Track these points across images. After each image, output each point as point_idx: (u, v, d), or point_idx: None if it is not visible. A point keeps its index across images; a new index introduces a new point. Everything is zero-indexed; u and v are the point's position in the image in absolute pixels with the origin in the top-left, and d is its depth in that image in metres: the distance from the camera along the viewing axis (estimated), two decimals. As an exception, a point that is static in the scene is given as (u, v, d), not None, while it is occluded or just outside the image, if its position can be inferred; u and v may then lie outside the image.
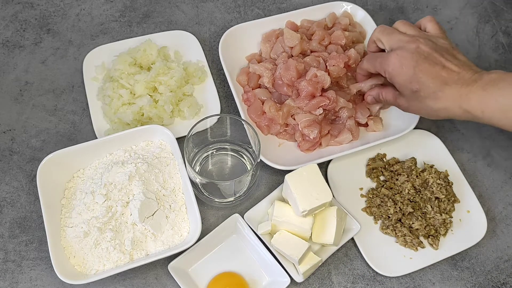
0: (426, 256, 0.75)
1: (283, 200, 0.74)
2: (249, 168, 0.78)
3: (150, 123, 0.80)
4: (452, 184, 0.79)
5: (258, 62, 0.86)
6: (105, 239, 0.69)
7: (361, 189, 0.80)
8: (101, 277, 0.68)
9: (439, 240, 0.75)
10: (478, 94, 0.65)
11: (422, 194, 0.78)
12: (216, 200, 0.77)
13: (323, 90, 0.79)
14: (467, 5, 1.01)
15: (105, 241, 0.69)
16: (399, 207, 0.77)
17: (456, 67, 0.68)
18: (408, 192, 0.78)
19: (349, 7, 0.91)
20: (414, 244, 0.75)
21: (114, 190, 0.72)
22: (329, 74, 0.79)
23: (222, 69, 0.85)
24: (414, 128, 0.81)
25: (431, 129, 0.86)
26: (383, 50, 0.75)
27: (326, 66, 0.81)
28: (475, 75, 0.67)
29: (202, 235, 0.72)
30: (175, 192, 0.75)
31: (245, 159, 0.80)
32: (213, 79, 0.87)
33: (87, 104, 0.85)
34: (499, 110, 0.65)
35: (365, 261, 0.74)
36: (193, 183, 0.74)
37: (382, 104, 0.81)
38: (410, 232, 0.75)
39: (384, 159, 0.82)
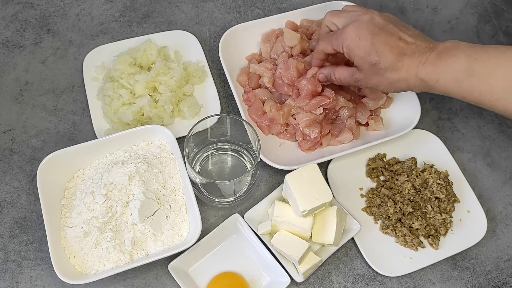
0: (426, 256, 0.75)
1: (283, 200, 0.74)
2: (249, 168, 0.78)
3: (150, 123, 0.80)
4: (452, 184, 0.79)
5: (258, 62, 0.86)
6: (105, 239, 0.69)
7: (361, 189, 0.80)
8: (101, 277, 0.68)
9: (439, 240, 0.75)
10: (433, 62, 0.66)
11: (422, 194, 0.78)
12: (216, 200, 0.77)
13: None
14: (467, 5, 1.01)
15: (105, 241, 0.69)
16: (399, 207, 0.77)
17: (411, 38, 0.68)
18: (408, 192, 0.78)
19: (349, 7, 0.91)
20: (414, 244, 0.75)
21: (114, 190, 0.72)
22: None
23: (222, 69, 0.85)
24: (414, 128, 0.81)
25: (431, 129, 0.86)
26: None
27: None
28: (431, 45, 0.67)
29: (202, 235, 0.72)
30: (175, 192, 0.75)
31: (245, 159, 0.80)
32: (213, 79, 0.87)
33: (87, 104, 0.85)
34: (453, 79, 0.65)
35: (365, 261, 0.74)
36: (193, 183, 0.74)
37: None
38: (410, 232, 0.75)
39: (384, 159, 0.82)
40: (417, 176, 0.79)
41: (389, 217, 0.76)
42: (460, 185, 0.80)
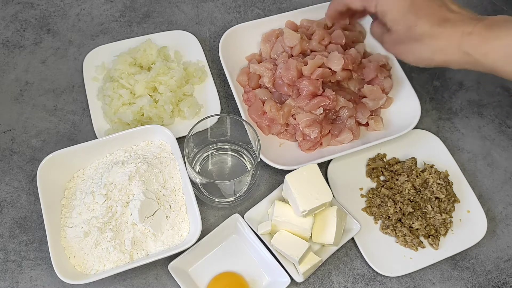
0: (426, 256, 0.75)
1: (283, 200, 0.74)
2: (249, 168, 0.78)
3: (150, 123, 0.80)
4: (452, 184, 0.79)
5: (258, 62, 0.86)
6: (105, 239, 0.69)
7: (361, 189, 0.80)
8: (101, 277, 0.68)
9: (439, 240, 0.75)
10: (482, 34, 0.59)
11: (422, 194, 0.78)
12: (216, 200, 0.77)
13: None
14: (467, 5, 1.00)
15: (105, 241, 0.69)
16: (399, 207, 0.77)
17: (456, 6, 0.62)
18: (408, 192, 0.78)
19: (349, 7, 0.91)
20: (414, 244, 0.75)
21: (114, 190, 0.72)
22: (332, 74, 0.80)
23: (222, 69, 0.85)
24: (414, 128, 0.81)
25: (431, 129, 0.86)
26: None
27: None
28: (478, 17, 0.61)
29: (202, 235, 0.72)
30: (175, 192, 0.75)
31: (245, 159, 0.80)
32: (213, 79, 0.87)
33: (87, 104, 0.85)
34: (505, 53, 0.58)
35: (365, 261, 0.74)
36: (193, 183, 0.74)
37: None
38: (410, 232, 0.75)
39: (384, 159, 0.82)
40: (417, 176, 0.79)
41: (389, 217, 0.76)
42: (460, 185, 0.80)
